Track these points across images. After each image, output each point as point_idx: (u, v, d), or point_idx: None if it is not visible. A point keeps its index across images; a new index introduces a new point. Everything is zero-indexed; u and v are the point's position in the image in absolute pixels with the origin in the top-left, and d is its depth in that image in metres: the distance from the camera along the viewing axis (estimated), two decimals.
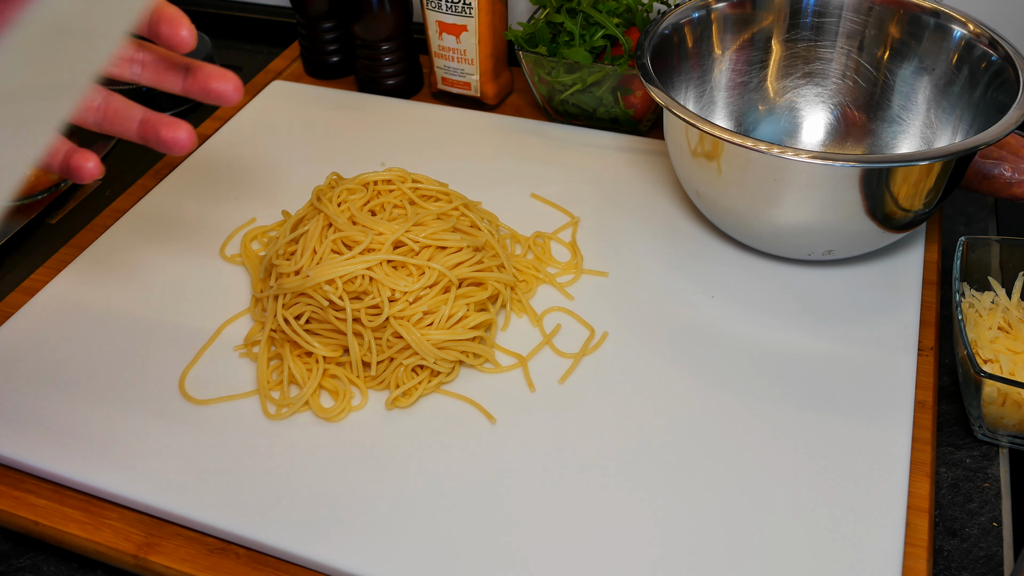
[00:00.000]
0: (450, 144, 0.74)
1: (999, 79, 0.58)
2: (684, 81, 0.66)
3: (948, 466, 0.53)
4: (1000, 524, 0.50)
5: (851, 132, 0.68)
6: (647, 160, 0.71)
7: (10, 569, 0.51)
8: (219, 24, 0.98)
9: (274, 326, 0.55)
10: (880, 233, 0.56)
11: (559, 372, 0.55)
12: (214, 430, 0.52)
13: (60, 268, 0.63)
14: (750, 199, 0.56)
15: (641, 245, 0.63)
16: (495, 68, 0.78)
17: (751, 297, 0.59)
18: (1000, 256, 0.58)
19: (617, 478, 0.48)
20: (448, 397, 0.53)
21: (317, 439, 0.51)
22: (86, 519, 0.49)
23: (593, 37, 0.71)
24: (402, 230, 0.54)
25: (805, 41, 0.68)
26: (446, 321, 0.54)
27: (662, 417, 0.52)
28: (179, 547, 0.47)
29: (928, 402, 0.52)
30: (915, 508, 0.47)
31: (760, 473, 0.48)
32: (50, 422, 0.52)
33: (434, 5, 0.74)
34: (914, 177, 0.53)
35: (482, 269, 0.56)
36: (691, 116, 0.54)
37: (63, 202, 0.75)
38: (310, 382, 0.53)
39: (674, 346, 0.56)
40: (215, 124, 0.78)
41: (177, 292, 0.61)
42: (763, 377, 0.54)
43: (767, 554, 0.45)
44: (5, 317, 0.60)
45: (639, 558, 0.45)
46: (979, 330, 0.56)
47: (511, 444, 0.50)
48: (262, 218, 0.67)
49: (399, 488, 0.48)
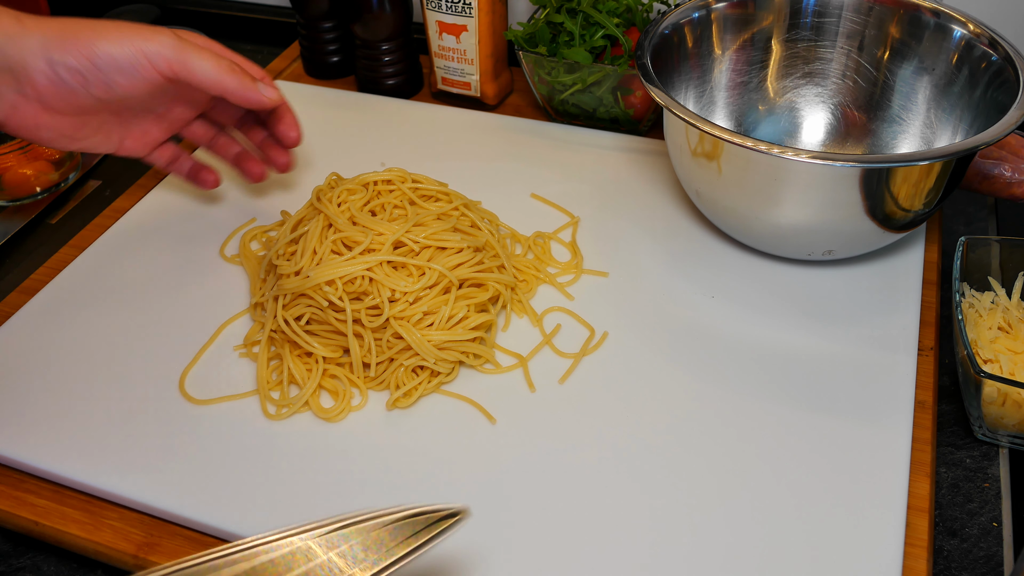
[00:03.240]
0: (450, 144, 0.74)
1: (999, 79, 0.58)
2: (684, 81, 0.66)
3: (948, 466, 0.53)
4: (1000, 524, 0.50)
5: (851, 132, 0.68)
6: (647, 160, 0.71)
7: (10, 569, 0.51)
8: (219, 24, 0.98)
9: (274, 327, 0.55)
10: (880, 233, 0.56)
11: (559, 372, 0.55)
12: (214, 430, 0.52)
13: (60, 268, 0.63)
14: (750, 199, 0.56)
15: (641, 245, 0.63)
16: (495, 68, 0.78)
17: (751, 297, 0.59)
18: (1000, 256, 0.58)
19: (617, 478, 0.48)
20: (448, 397, 0.53)
21: (317, 439, 0.51)
22: (86, 519, 0.49)
23: (593, 37, 0.71)
24: (402, 231, 0.54)
25: (805, 41, 0.68)
26: (446, 322, 0.53)
27: (662, 417, 0.52)
28: (179, 547, 0.47)
29: (928, 402, 0.52)
30: (915, 508, 0.47)
31: (760, 473, 0.48)
32: (50, 422, 0.52)
33: (434, 5, 0.74)
34: (914, 177, 0.53)
35: (482, 270, 0.56)
36: (691, 116, 0.54)
37: (63, 202, 0.75)
38: (310, 382, 0.53)
39: (674, 346, 0.56)
40: None
41: (177, 292, 0.61)
42: (763, 377, 0.54)
43: (767, 554, 0.45)
44: (5, 317, 0.60)
45: (640, 558, 0.45)
46: (979, 330, 0.56)
47: (511, 444, 0.50)
48: (262, 218, 0.67)
49: (399, 488, 0.48)
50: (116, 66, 0.51)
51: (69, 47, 0.50)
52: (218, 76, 0.53)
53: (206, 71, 0.53)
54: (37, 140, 0.53)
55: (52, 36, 0.50)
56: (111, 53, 0.51)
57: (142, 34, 0.52)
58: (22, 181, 0.74)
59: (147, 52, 0.51)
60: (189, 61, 0.53)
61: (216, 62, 0.53)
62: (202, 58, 0.53)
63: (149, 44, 0.51)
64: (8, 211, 0.73)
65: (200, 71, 0.53)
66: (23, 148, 0.73)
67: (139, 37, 0.51)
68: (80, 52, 0.50)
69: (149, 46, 0.51)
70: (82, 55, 0.50)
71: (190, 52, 0.53)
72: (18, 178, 0.73)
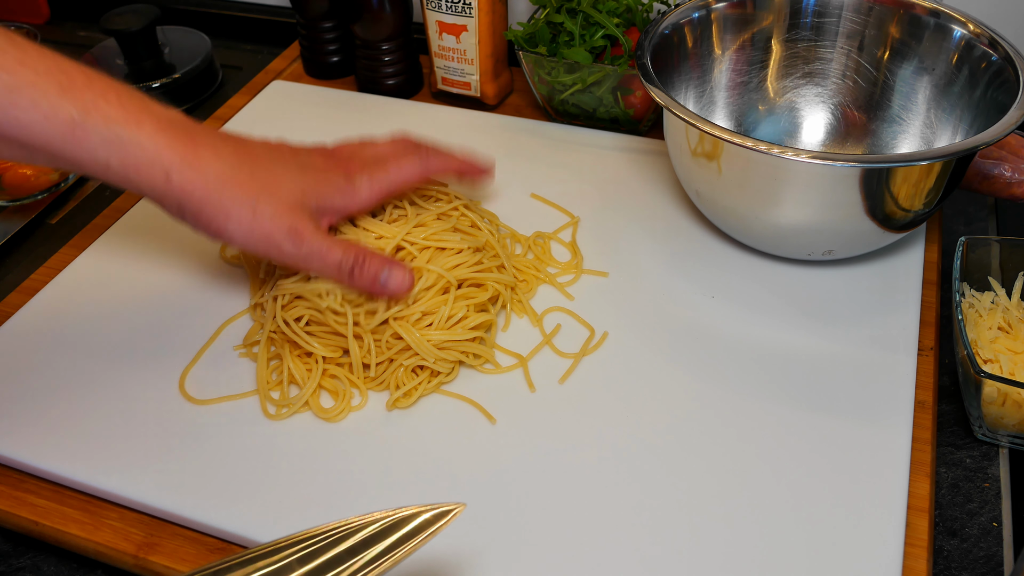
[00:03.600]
0: (450, 144, 0.73)
1: (999, 79, 0.58)
2: (684, 81, 0.66)
3: (948, 466, 0.53)
4: (1000, 524, 0.50)
5: (851, 132, 0.68)
6: (647, 160, 0.71)
7: (10, 569, 0.51)
8: (219, 24, 0.97)
9: (273, 327, 0.55)
10: (880, 233, 0.56)
11: (559, 372, 0.55)
12: (214, 430, 0.52)
13: (60, 268, 0.63)
14: (750, 199, 0.56)
15: (641, 245, 0.63)
16: (495, 68, 0.78)
17: (751, 297, 0.59)
18: (1000, 256, 0.58)
19: (617, 477, 0.48)
20: (448, 397, 0.53)
21: (317, 439, 0.51)
22: (86, 519, 0.49)
23: (593, 37, 0.71)
24: (403, 233, 0.54)
25: (805, 41, 0.68)
26: (446, 321, 0.53)
27: (662, 417, 0.52)
28: (179, 547, 0.47)
29: (928, 402, 0.52)
30: (915, 508, 0.47)
31: (760, 473, 0.48)
32: (50, 422, 0.52)
33: (434, 5, 0.74)
34: (914, 177, 0.53)
35: (482, 270, 0.56)
36: (691, 116, 0.54)
37: (63, 202, 0.75)
38: (310, 382, 0.53)
39: (674, 346, 0.56)
40: (215, 124, 0.78)
41: (177, 292, 0.61)
42: (763, 377, 0.54)
43: (767, 554, 0.45)
44: (5, 317, 0.60)
45: (639, 557, 0.45)
46: (979, 330, 0.56)
47: (511, 444, 0.50)
48: None
49: (399, 488, 0.48)
50: (234, 243, 0.50)
51: (199, 214, 0.48)
52: (335, 280, 0.52)
53: (322, 275, 0.52)
54: None
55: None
56: (237, 246, 0.50)
57: (266, 239, 0.49)
58: (22, 181, 0.74)
59: (269, 256, 0.50)
60: (309, 268, 0.52)
61: (335, 269, 0.51)
62: (321, 266, 0.51)
63: (270, 252, 0.50)
64: (8, 211, 0.73)
65: (317, 273, 0.52)
66: None
67: (262, 242, 0.49)
68: (205, 225, 0.49)
69: (271, 253, 0.50)
70: (206, 227, 0.49)
71: (310, 262, 0.51)
72: (18, 178, 0.73)
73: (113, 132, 0.45)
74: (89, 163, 0.45)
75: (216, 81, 0.89)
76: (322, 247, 0.50)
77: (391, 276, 0.51)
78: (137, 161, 0.46)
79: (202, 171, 0.47)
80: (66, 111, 0.44)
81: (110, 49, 0.88)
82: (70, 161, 0.45)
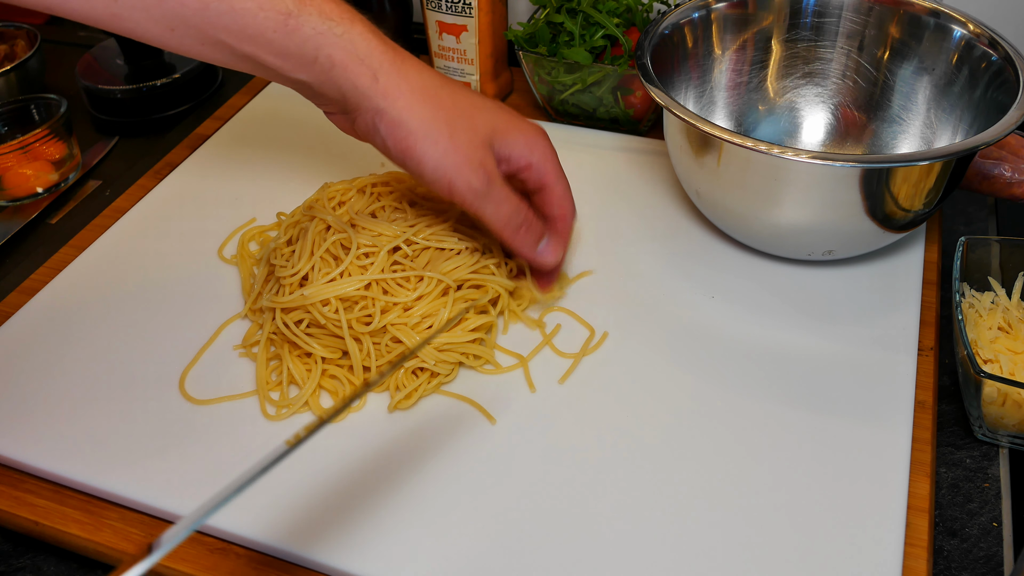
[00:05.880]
0: None
1: (999, 79, 0.58)
2: (684, 81, 0.66)
3: (948, 466, 0.53)
4: (1000, 524, 0.50)
5: (851, 132, 0.68)
6: (647, 160, 0.71)
7: (10, 569, 0.51)
8: None
9: (273, 329, 0.55)
10: (880, 233, 0.56)
11: (559, 372, 0.55)
12: (214, 430, 0.52)
13: (60, 268, 0.63)
14: (750, 199, 0.56)
15: (641, 245, 0.63)
16: (495, 68, 0.78)
17: (751, 297, 0.59)
18: (1000, 256, 0.58)
19: (617, 477, 0.48)
20: (448, 398, 0.53)
21: (317, 439, 0.51)
22: (86, 519, 0.49)
23: (593, 37, 0.71)
24: (403, 236, 0.54)
25: (805, 41, 0.68)
26: (445, 323, 0.53)
27: (662, 417, 0.52)
28: (179, 547, 0.47)
29: (928, 402, 0.52)
30: (915, 508, 0.47)
31: (760, 473, 0.48)
32: (50, 422, 0.52)
33: (434, 5, 0.74)
34: (914, 177, 0.53)
35: (482, 270, 0.56)
36: (691, 116, 0.54)
37: (63, 202, 0.75)
38: (309, 382, 0.53)
39: (674, 346, 0.56)
40: (215, 124, 0.78)
41: (177, 292, 0.61)
42: (763, 377, 0.54)
43: (767, 554, 0.45)
44: (5, 317, 0.60)
45: (639, 557, 0.45)
46: (979, 330, 0.56)
47: (511, 444, 0.50)
48: (261, 219, 0.67)
49: (399, 488, 0.48)
50: (424, 179, 0.49)
51: (395, 127, 0.47)
52: (500, 229, 0.51)
53: (492, 221, 0.51)
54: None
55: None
56: (423, 172, 0.48)
57: (457, 167, 0.48)
58: (22, 181, 0.74)
59: (453, 187, 0.49)
60: (483, 210, 0.50)
61: (506, 220, 0.50)
62: (496, 211, 0.50)
63: (457, 182, 0.48)
64: (8, 211, 0.73)
65: (488, 218, 0.51)
66: (23, 148, 0.73)
67: (452, 169, 0.48)
68: (396, 141, 0.47)
69: (457, 184, 0.48)
70: (396, 143, 0.48)
71: (487, 204, 0.50)
72: (18, 178, 0.73)
73: (327, 26, 0.45)
74: (295, 55, 0.45)
75: (216, 81, 0.88)
76: (502, 193, 0.49)
77: (548, 246, 0.51)
78: (346, 58, 0.45)
79: (408, 79, 0.47)
80: (283, 1, 0.44)
81: (110, 49, 0.88)
82: (278, 52, 0.45)
